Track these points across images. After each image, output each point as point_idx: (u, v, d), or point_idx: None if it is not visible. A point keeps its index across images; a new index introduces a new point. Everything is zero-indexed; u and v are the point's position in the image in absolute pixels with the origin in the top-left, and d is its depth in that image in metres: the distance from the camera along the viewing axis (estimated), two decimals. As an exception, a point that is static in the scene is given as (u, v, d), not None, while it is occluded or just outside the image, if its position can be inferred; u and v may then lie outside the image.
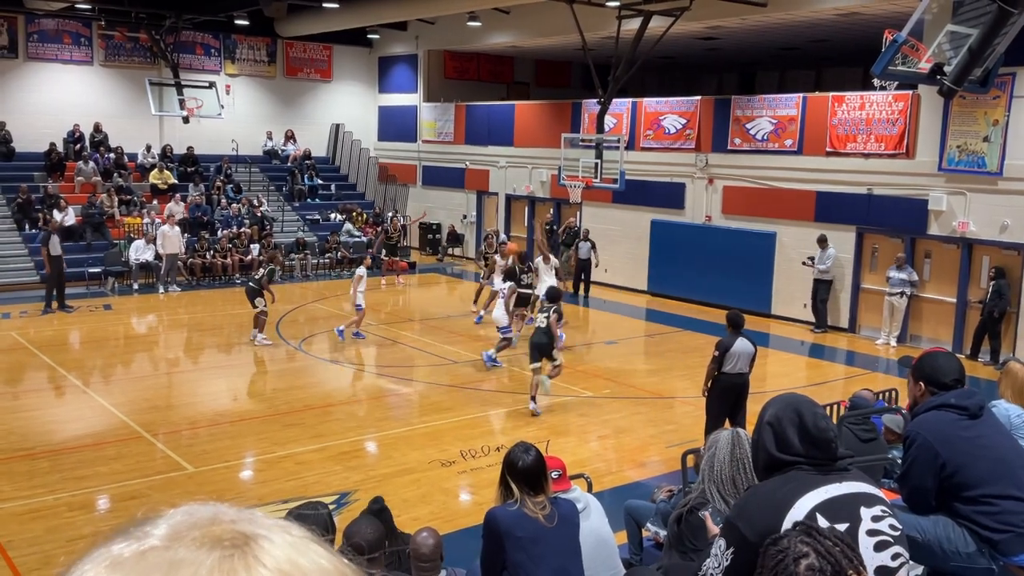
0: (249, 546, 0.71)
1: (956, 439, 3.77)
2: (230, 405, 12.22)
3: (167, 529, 0.73)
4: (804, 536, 1.87)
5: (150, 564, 0.69)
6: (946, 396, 3.90)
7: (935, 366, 4.04)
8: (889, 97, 16.22)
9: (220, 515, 0.75)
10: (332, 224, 25.03)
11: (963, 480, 3.75)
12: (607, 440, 10.78)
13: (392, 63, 28.27)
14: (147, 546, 0.71)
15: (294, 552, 0.72)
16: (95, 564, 0.71)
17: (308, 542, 0.75)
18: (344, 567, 0.74)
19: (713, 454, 4.05)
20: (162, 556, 0.70)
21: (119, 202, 22.52)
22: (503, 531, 3.94)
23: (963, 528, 3.76)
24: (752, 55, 24.28)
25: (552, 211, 23.46)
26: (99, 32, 24.34)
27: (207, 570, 0.68)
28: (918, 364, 4.10)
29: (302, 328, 16.74)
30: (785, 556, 1.85)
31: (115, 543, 0.72)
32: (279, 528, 0.75)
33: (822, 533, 1.88)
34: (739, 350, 9.51)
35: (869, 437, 6.76)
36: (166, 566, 0.68)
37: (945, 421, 3.83)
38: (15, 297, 18.73)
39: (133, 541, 0.72)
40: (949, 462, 3.75)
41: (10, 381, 12.89)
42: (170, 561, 0.69)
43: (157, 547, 0.71)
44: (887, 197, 16.52)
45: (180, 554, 0.70)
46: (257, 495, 8.75)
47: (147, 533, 0.73)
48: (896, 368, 14.66)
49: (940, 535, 3.78)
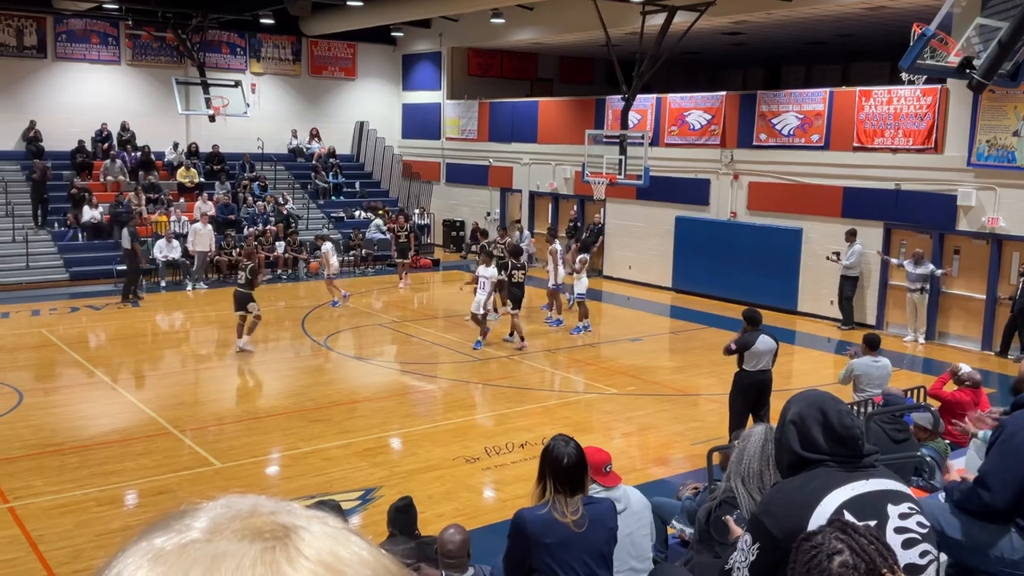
0: (290, 537, 0.71)
1: None
2: (256, 401, 12.32)
3: (208, 522, 0.73)
4: (839, 533, 1.86)
5: (192, 558, 0.69)
6: None
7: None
8: (917, 91, 16.04)
9: (259, 507, 0.76)
10: (356, 221, 25.13)
11: None
12: (631, 437, 10.75)
13: (416, 60, 28.33)
14: (188, 539, 0.71)
15: (334, 543, 0.72)
16: (137, 557, 0.70)
17: (347, 533, 0.74)
18: (383, 558, 0.74)
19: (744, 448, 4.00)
20: (204, 549, 0.70)
21: (146, 200, 22.74)
22: (530, 535, 3.87)
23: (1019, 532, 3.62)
24: (778, 50, 24.09)
25: (576, 208, 23.42)
26: (126, 32, 24.58)
27: (250, 562, 0.68)
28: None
29: (327, 325, 16.82)
30: (819, 552, 1.84)
31: (156, 536, 0.72)
32: (317, 519, 0.75)
33: (857, 530, 1.86)
34: (762, 348, 9.43)
35: (902, 437, 6.70)
36: (208, 560, 0.68)
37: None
38: (44, 295, 18.97)
39: (174, 534, 0.72)
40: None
41: (40, 377, 13.06)
42: (212, 554, 0.69)
43: (198, 540, 0.71)
44: (915, 192, 16.34)
45: (222, 547, 0.70)
46: (283, 491, 8.80)
47: (188, 526, 0.73)
48: (922, 365, 14.51)
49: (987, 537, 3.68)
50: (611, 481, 4.63)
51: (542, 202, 24.91)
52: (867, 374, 9.34)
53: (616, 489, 4.63)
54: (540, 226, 24.92)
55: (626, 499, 4.64)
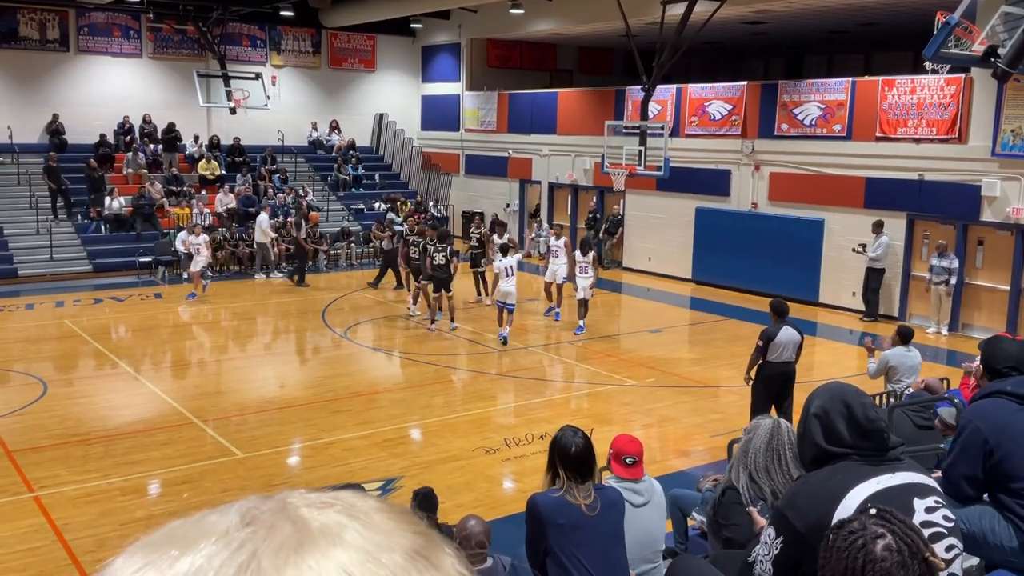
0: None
1: (1008, 428, 3.66)
2: (278, 392, 12.39)
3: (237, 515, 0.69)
4: (878, 519, 1.85)
5: None
6: (1003, 383, 3.80)
7: (992, 352, 3.95)
8: (941, 81, 15.87)
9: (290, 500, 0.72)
10: (376, 213, 25.19)
11: (1010, 470, 3.64)
12: (651, 429, 10.73)
13: (435, 52, 28.31)
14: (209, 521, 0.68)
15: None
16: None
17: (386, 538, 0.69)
18: None
19: (750, 440, 3.99)
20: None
21: (168, 192, 22.89)
22: (544, 518, 3.95)
23: (1009, 522, 3.66)
24: (800, 39, 23.89)
25: (595, 199, 23.36)
26: (147, 25, 24.71)
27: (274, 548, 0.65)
28: (981, 347, 4.02)
29: (347, 316, 16.89)
30: (859, 538, 1.83)
31: None
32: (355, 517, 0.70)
33: (897, 517, 1.86)
34: (784, 339, 9.39)
35: (925, 424, 6.66)
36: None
37: (998, 408, 3.73)
38: (67, 286, 19.14)
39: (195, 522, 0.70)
40: (997, 449, 3.64)
41: (64, 368, 13.19)
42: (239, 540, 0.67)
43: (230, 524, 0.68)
44: (939, 183, 16.18)
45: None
46: (305, 481, 8.86)
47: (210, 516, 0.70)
48: (946, 357, 14.40)
49: (985, 527, 3.68)
50: (633, 473, 4.60)
51: (561, 193, 24.86)
52: (901, 364, 9.32)
53: (641, 482, 4.62)
54: (560, 218, 24.87)
55: (650, 492, 4.63)
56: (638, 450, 4.68)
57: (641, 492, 4.57)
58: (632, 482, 4.57)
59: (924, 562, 1.79)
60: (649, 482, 4.71)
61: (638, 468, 4.65)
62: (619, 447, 4.67)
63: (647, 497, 4.58)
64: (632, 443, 4.71)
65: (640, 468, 4.67)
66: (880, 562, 1.79)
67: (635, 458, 4.63)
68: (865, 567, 1.80)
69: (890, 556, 1.79)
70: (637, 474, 4.63)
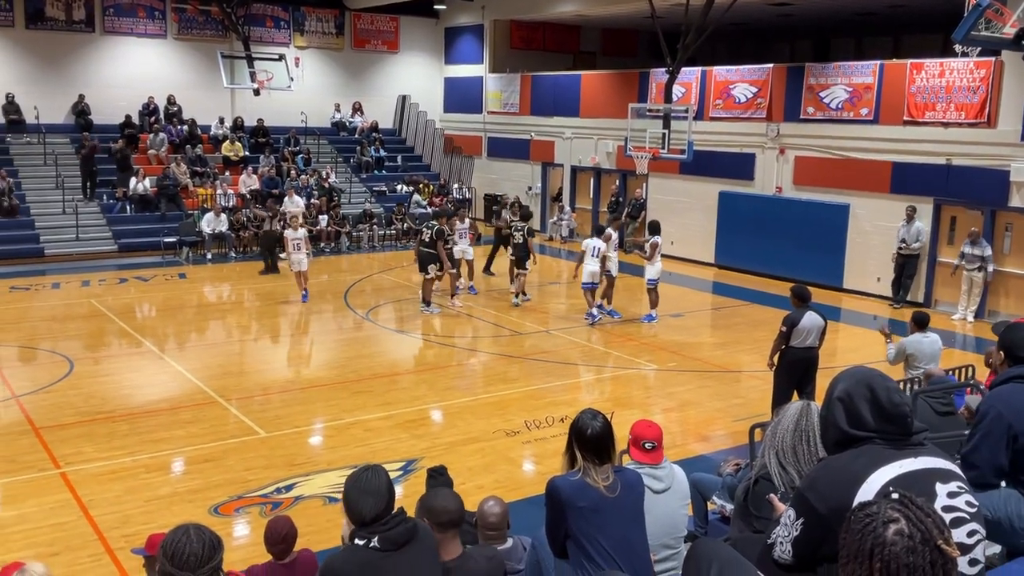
0: None
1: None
2: (300, 372, 12.48)
3: None
4: (895, 504, 1.84)
5: None
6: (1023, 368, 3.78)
7: (1014, 338, 3.91)
8: (970, 64, 15.63)
9: None
10: (398, 196, 25.24)
11: None
12: (672, 413, 10.71)
13: (458, 34, 28.23)
14: None
15: None
16: None
17: None
18: None
19: (778, 422, 3.98)
20: None
21: (192, 173, 23.03)
22: (564, 501, 3.95)
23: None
24: (827, 21, 23.60)
25: (618, 182, 23.27)
26: (172, 6, 24.81)
27: None
28: (1002, 333, 3.99)
29: (368, 298, 16.95)
30: (873, 520, 1.82)
31: None
32: None
33: (915, 503, 1.84)
34: (808, 325, 9.35)
35: (946, 411, 6.61)
36: None
37: (1020, 393, 3.71)
38: (93, 266, 19.34)
39: None
40: (1022, 435, 3.63)
41: (90, 347, 13.34)
42: None
43: None
44: (967, 167, 15.97)
45: None
46: (327, 460, 8.93)
47: None
48: (973, 344, 14.26)
49: (1012, 512, 3.66)
50: (652, 458, 4.59)
51: (584, 177, 24.78)
52: (919, 351, 9.24)
53: (660, 467, 4.61)
54: (582, 201, 24.80)
55: (670, 478, 4.62)
56: (657, 435, 4.66)
57: (661, 478, 4.55)
58: (651, 467, 4.56)
59: (936, 549, 1.78)
60: (670, 468, 4.70)
61: (657, 453, 4.63)
62: (638, 432, 4.66)
63: (667, 483, 4.57)
64: (651, 428, 4.69)
65: (659, 453, 4.65)
66: (890, 546, 1.78)
67: (654, 443, 4.61)
68: (873, 550, 1.80)
69: (900, 541, 1.78)
70: (656, 459, 4.61)
